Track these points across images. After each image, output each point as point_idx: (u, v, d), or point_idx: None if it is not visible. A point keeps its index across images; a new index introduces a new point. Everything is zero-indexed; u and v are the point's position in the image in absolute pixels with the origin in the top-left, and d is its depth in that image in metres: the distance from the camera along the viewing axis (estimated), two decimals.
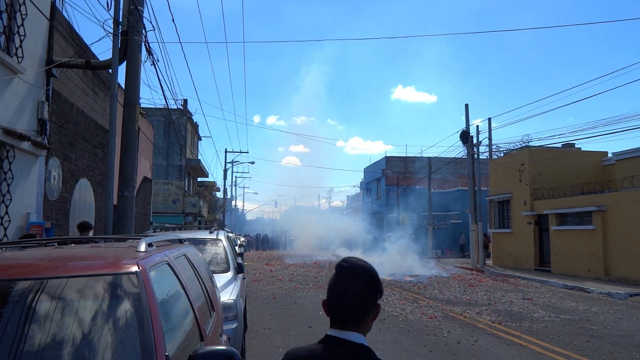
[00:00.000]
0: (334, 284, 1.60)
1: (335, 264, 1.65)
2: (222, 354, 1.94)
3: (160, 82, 18.18)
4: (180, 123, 33.01)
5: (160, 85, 13.56)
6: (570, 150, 23.86)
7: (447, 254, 34.39)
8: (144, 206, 19.13)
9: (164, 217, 27.55)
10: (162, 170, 30.79)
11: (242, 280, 7.92)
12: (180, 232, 9.19)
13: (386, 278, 19.11)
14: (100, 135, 12.53)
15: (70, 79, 10.52)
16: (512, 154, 24.57)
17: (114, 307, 2.12)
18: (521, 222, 23.40)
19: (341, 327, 1.57)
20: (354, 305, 1.55)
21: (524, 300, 13.11)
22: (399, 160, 48.97)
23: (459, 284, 17.00)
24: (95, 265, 2.40)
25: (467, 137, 24.74)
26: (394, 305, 12.11)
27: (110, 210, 8.66)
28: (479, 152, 25.35)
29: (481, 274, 21.46)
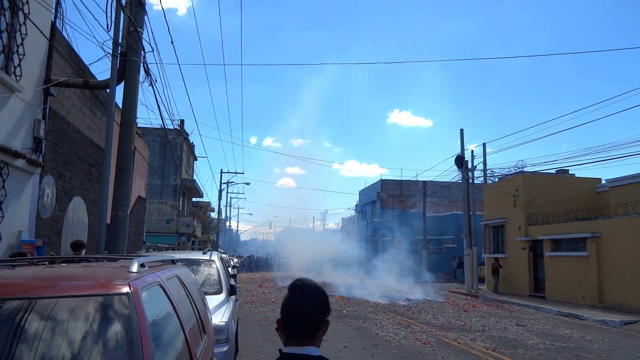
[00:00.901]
0: (291, 302, 1.71)
1: (290, 285, 1.78)
2: None
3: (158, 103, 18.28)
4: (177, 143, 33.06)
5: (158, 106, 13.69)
6: (564, 176, 24.01)
7: (441, 279, 34.20)
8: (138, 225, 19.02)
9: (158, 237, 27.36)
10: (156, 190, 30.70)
11: (234, 302, 7.84)
12: (173, 252, 9.13)
13: (380, 302, 18.98)
14: (95, 154, 12.52)
15: (68, 98, 10.57)
16: (506, 179, 24.69)
17: (104, 328, 2.10)
18: (516, 247, 23.38)
19: (299, 342, 1.67)
20: (309, 320, 1.67)
21: (519, 327, 13.02)
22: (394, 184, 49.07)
23: (453, 309, 16.88)
24: (86, 285, 2.38)
25: (462, 161, 24.88)
26: (388, 330, 12.00)
27: (103, 229, 8.60)
28: (474, 176, 25.47)
29: (475, 299, 21.33)
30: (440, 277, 34.53)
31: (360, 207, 56.48)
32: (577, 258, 19.30)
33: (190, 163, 39.08)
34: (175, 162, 31.86)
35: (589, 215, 20.69)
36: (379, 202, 48.36)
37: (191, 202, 40.00)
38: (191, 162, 39.44)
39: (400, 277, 26.28)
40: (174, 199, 31.60)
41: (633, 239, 16.89)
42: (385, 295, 21.13)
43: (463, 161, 24.87)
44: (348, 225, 63.40)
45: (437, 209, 41.59)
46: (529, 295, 21.94)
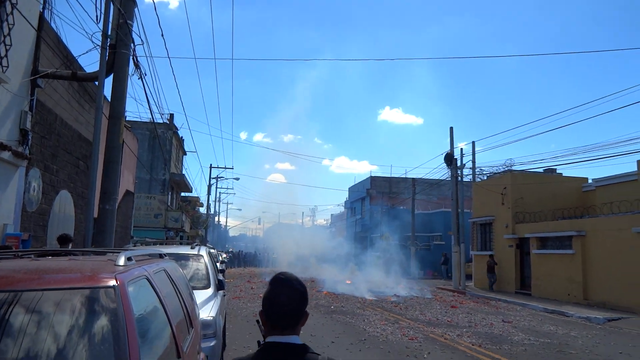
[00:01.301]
0: (274, 293, 1.80)
1: (273, 278, 1.86)
2: None
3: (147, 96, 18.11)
4: (166, 137, 32.85)
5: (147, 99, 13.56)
6: (551, 175, 24.25)
7: (429, 275, 34.43)
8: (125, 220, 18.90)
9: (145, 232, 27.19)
10: (145, 184, 30.50)
11: (222, 297, 7.83)
12: (161, 247, 9.09)
13: (368, 298, 19.06)
14: (83, 147, 12.41)
15: (56, 90, 10.45)
16: (495, 178, 24.87)
17: (90, 321, 2.09)
18: (503, 245, 23.59)
19: (281, 332, 1.76)
20: (292, 311, 1.78)
21: (505, 323, 13.15)
22: (383, 181, 49.21)
23: (440, 306, 17.00)
24: (72, 278, 2.36)
25: (451, 159, 25.02)
26: (375, 325, 12.06)
27: (90, 223, 8.53)
28: (463, 174, 25.62)
29: (463, 295, 21.50)
30: (428, 273, 34.75)
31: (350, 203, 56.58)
32: (563, 256, 19.53)
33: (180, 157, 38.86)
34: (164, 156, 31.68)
35: (575, 214, 20.94)
36: (368, 198, 48.48)
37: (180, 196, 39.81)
38: (180, 157, 39.22)
39: (388, 274, 26.41)
40: (162, 194, 31.43)
41: (618, 237, 17.13)
42: (373, 291, 21.22)
43: (452, 159, 25.01)
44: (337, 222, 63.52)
45: (426, 206, 41.81)
46: (515, 292, 22.17)
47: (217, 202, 60.74)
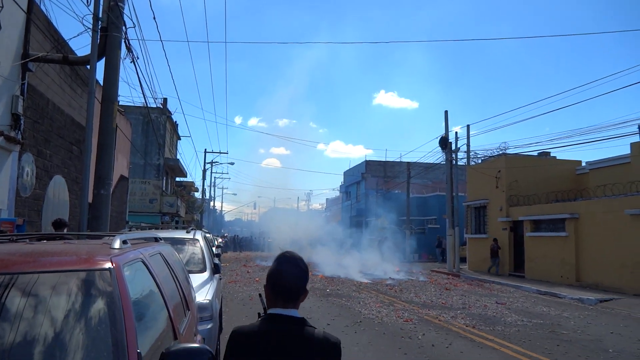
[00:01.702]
0: (280, 270, 1.98)
1: (278, 256, 2.04)
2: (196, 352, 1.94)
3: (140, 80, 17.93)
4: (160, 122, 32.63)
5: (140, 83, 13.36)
6: (545, 158, 24.33)
7: (425, 259, 34.67)
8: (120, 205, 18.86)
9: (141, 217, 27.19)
10: (139, 169, 30.37)
11: (218, 281, 7.87)
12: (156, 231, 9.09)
13: (363, 281, 19.21)
14: (76, 132, 12.32)
15: (47, 74, 10.33)
16: (489, 161, 24.93)
17: (86, 303, 2.09)
18: (497, 227, 23.75)
19: (283, 305, 1.95)
20: (295, 286, 1.97)
21: (498, 305, 13.30)
22: (378, 165, 49.23)
23: (435, 288, 17.16)
24: (68, 261, 2.36)
25: (446, 143, 25.03)
26: (370, 308, 12.17)
27: (85, 208, 8.51)
28: (457, 158, 25.67)
29: (457, 278, 21.70)
30: (423, 256, 34.99)
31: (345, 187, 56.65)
32: (556, 238, 19.69)
33: (174, 142, 38.67)
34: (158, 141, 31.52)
35: (568, 196, 21.06)
36: (363, 183, 48.54)
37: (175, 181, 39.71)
38: (174, 141, 39.02)
39: (383, 257, 26.58)
40: (157, 179, 31.33)
41: (610, 220, 17.27)
42: (369, 275, 21.39)
43: (447, 143, 25.03)
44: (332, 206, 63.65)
45: (421, 190, 41.93)
46: (509, 274, 22.39)
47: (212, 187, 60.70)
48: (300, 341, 1.89)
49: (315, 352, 1.88)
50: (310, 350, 1.88)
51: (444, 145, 25.07)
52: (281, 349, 1.87)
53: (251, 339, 1.90)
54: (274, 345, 1.87)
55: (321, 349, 1.90)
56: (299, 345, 1.88)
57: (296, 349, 1.88)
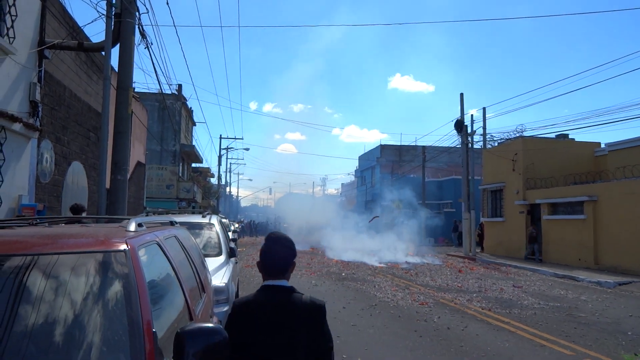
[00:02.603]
0: (267, 248, 2.39)
1: (266, 236, 2.47)
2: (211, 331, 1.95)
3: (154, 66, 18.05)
4: (175, 108, 32.79)
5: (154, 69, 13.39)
6: (563, 140, 23.94)
7: (441, 243, 34.56)
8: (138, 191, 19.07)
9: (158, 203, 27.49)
10: (156, 155, 30.64)
11: (234, 265, 7.94)
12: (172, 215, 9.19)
13: (379, 265, 19.24)
14: (93, 118, 12.43)
15: (63, 61, 10.41)
16: (506, 144, 24.62)
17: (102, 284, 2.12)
18: (513, 211, 23.53)
19: (274, 277, 2.35)
20: (282, 261, 2.36)
21: (515, 288, 13.24)
22: (393, 149, 48.91)
23: (450, 272, 17.13)
24: (85, 242, 2.40)
25: (461, 126, 24.75)
26: (386, 291, 12.20)
27: (103, 194, 8.62)
28: (473, 141, 25.38)
29: (473, 262, 21.62)
30: (439, 241, 34.89)
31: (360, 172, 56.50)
32: (574, 221, 19.44)
33: (189, 128, 38.87)
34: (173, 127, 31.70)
35: (587, 179, 20.73)
36: (378, 167, 48.35)
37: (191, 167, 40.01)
38: (190, 128, 39.22)
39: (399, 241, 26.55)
40: (173, 165, 31.60)
41: (629, 202, 16.98)
42: (384, 259, 21.43)
43: (462, 126, 24.74)
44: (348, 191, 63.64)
45: (436, 173, 41.64)
46: (525, 257, 22.21)
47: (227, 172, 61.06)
48: (290, 305, 2.26)
49: (303, 313, 2.25)
50: (299, 312, 2.25)
51: (460, 129, 24.80)
52: (275, 313, 2.24)
53: (249, 307, 2.28)
54: (269, 310, 2.25)
55: (308, 311, 2.27)
56: (290, 308, 2.26)
57: (287, 312, 2.25)
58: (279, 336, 2.21)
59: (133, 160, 16.91)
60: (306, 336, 2.23)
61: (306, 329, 2.24)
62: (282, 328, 2.22)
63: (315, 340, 2.25)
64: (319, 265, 18.81)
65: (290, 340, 2.21)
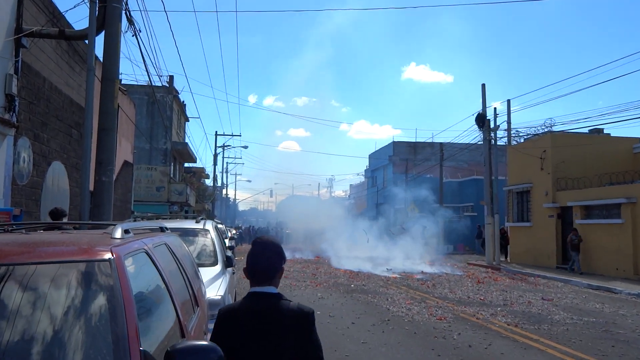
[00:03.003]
0: (254, 254, 2.50)
1: (252, 241, 2.60)
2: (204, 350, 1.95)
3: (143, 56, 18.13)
4: (166, 102, 32.90)
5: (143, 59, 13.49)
6: (598, 136, 23.82)
7: (460, 250, 34.47)
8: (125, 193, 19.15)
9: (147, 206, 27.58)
10: (145, 154, 30.76)
11: (231, 275, 7.96)
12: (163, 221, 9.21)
13: (392, 275, 19.21)
14: (75, 113, 12.49)
15: (43, 51, 10.46)
16: (533, 140, 24.54)
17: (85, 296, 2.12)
18: (542, 215, 23.43)
19: (260, 284, 2.45)
20: (268, 267, 2.46)
21: (544, 301, 13.17)
22: (407, 146, 48.86)
23: (472, 283, 17.08)
24: (65, 251, 2.40)
25: (483, 120, 24.68)
26: (400, 305, 12.17)
27: (86, 197, 8.66)
28: (497, 137, 25.32)
29: (497, 271, 21.55)
30: (458, 248, 34.82)
31: (370, 172, 56.49)
32: (611, 226, 19.33)
33: (182, 124, 39.00)
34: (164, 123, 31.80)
35: (624, 178, 20.60)
36: (391, 166, 48.31)
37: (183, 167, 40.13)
38: (182, 124, 39.35)
39: (414, 249, 26.52)
40: (164, 165, 31.69)
41: None
42: (398, 268, 21.39)
43: (485, 120, 24.68)
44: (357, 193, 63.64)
45: (456, 173, 41.56)
46: (556, 267, 22.11)
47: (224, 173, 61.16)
48: (276, 312, 2.37)
49: (290, 320, 2.35)
50: (286, 319, 2.35)
51: (482, 123, 24.73)
52: (260, 320, 2.35)
53: (234, 314, 2.42)
54: (254, 318, 2.36)
55: (295, 318, 2.37)
56: (276, 316, 2.36)
57: (274, 319, 2.35)
58: (264, 344, 2.32)
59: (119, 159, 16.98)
60: (293, 344, 2.33)
61: (293, 336, 2.34)
62: (268, 335, 2.33)
63: (303, 348, 2.35)
64: (326, 275, 18.81)
65: (276, 348, 2.32)
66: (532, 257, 23.96)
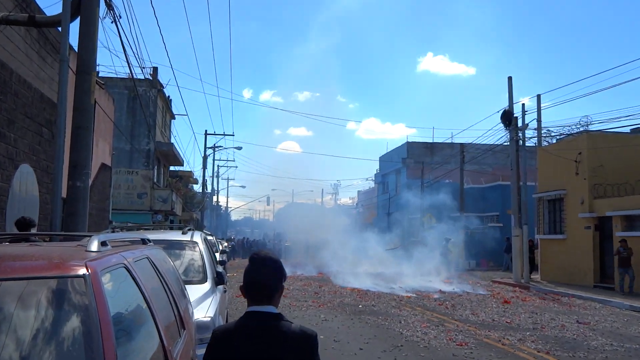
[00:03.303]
0: (251, 271, 2.55)
1: (250, 257, 2.63)
2: None
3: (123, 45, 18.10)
4: (149, 97, 33.01)
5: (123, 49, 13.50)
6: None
7: (484, 266, 34.38)
8: (102, 201, 19.20)
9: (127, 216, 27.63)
10: (125, 156, 30.83)
11: (222, 294, 7.96)
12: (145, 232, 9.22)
13: (405, 295, 19.19)
14: (47, 110, 12.55)
15: (10, 39, 10.52)
16: (566, 141, 24.51)
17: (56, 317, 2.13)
18: (577, 226, 23.36)
19: (259, 303, 2.51)
20: (267, 285, 2.52)
21: (579, 325, 13.13)
22: (424, 148, 48.89)
23: (497, 303, 17.04)
24: (34, 266, 2.41)
25: (510, 118, 24.66)
26: (414, 328, 12.16)
27: (58, 205, 8.68)
28: (525, 137, 25.30)
29: (526, 290, 21.49)
30: (482, 263, 34.72)
31: (381, 177, 56.50)
32: None
33: (167, 122, 39.12)
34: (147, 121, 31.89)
35: None
36: (404, 170, 48.31)
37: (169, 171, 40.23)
38: (168, 122, 39.48)
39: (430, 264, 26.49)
40: (146, 168, 31.77)
41: None
42: (412, 287, 21.37)
43: (511, 117, 24.66)
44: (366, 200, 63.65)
45: (478, 178, 41.52)
46: (594, 285, 22.02)
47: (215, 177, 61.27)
48: (276, 334, 2.42)
49: (292, 344, 2.40)
50: (286, 342, 2.40)
51: (508, 121, 24.71)
52: (259, 342, 2.40)
53: (230, 335, 2.47)
54: (251, 340, 2.42)
55: (297, 341, 2.41)
56: (275, 338, 2.41)
57: (273, 342, 2.40)
58: None
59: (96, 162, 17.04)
60: None
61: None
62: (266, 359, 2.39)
63: None
64: (330, 294, 18.80)
65: None
66: (565, 274, 23.86)
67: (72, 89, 9.06)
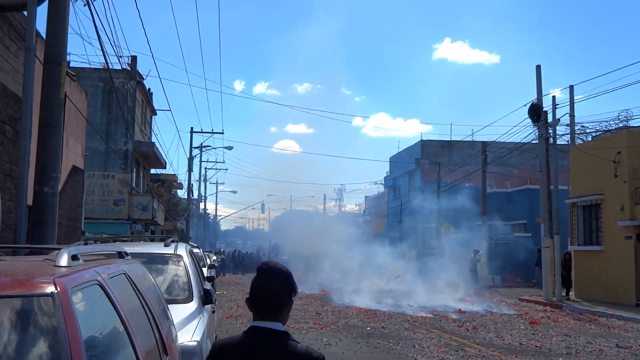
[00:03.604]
0: (258, 283, 2.63)
1: (257, 267, 2.71)
2: None
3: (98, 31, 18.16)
4: (127, 90, 33.04)
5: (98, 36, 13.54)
6: None
7: (510, 282, 34.31)
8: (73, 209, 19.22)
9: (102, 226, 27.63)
10: (99, 158, 30.88)
11: (210, 315, 7.96)
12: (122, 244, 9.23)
13: (420, 315, 19.17)
14: (10, 105, 12.57)
15: None
16: (603, 138, 24.49)
17: (20, 341, 2.13)
18: (617, 235, 23.32)
19: (264, 318, 2.58)
20: (274, 299, 2.59)
21: (620, 349, 13.12)
22: (440, 146, 48.89)
23: (524, 325, 17.02)
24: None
25: (539, 112, 24.63)
26: (430, 354, 12.15)
27: (23, 213, 8.69)
28: (556, 134, 25.28)
29: (558, 310, 21.45)
30: (507, 279, 34.64)
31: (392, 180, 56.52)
32: None
33: (147, 119, 39.17)
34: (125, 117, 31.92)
35: None
36: (418, 172, 48.29)
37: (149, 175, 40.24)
38: (148, 118, 39.52)
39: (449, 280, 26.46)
40: (124, 171, 31.78)
41: None
42: (428, 306, 21.33)
43: (540, 112, 24.63)
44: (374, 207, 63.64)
45: (503, 181, 41.50)
46: (636, 304, 21.99)
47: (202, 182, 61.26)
48: (280, 354, 2.50)
49: None
50: None
51: (537, 116, 24.68)
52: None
53: (230, 351, 2.56)
54: (253, 357, 2.50)
55: None
56: (280, 358, 2.50)
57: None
58: None
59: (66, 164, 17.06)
60: None
61: None
62: None
63: None
64: (333, 315, 18.78)
65: None
66: (603, 291, 23.80)
67: (39, 82, 9.08)
